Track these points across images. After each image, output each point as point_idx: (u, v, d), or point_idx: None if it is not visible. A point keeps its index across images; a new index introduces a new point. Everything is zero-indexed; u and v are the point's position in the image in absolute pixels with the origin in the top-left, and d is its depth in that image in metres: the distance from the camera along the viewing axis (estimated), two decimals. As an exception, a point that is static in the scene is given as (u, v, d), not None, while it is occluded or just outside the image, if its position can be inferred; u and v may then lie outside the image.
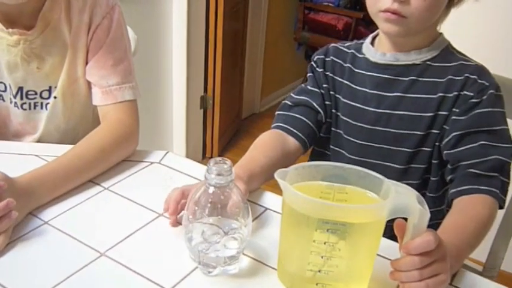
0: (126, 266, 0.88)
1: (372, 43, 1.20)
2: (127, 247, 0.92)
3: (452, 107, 1.09)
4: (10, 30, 1.14)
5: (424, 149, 1.13)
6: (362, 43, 1.23)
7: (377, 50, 1.17)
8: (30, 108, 1.23)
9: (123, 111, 1.22)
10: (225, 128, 3.30)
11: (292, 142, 1.20)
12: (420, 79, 1.12)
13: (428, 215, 0.77)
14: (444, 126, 1.10)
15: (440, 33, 1.15)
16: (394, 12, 1.04)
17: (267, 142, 1.19)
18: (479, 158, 1.05)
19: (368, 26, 3.67)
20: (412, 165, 1.15)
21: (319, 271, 0.81)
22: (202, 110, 3.12)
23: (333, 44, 1.27)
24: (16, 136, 1.28)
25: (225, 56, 3.03)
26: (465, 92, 1.08)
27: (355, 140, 1.19)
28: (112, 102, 1.21)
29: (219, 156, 3.21)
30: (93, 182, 1.10)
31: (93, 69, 1.22)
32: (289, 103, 1.26)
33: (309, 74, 1.28)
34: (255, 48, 3.68)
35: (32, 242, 0.92)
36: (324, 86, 1.23)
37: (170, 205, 0.96)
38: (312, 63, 1.28)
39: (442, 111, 1.10)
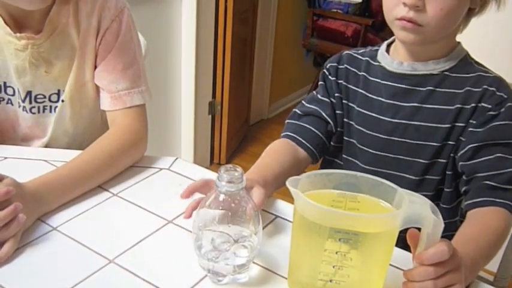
0: (135, 274, 0.87)
1: (387, 50, 1.18)
2: (136, 254, 0.91)
3: (469, 119, 1.07)
4: (18, 34, 1.13)
5: (439, 160, 1.12)
6: (377, 50, 1.21)
7: (393, 58, 1.15)
8: (39, 112, 1.23)
9: (131, 116, 1.21)
10: (233, 134, 3.30)
11: (301, 152, 1.20)
12: (438, 89, 1.10)
13: (443, 225, 0.76)
14: (460, 138, 1.09)
15: (458, 43, 1.13)
16: (409, 21, 1.02)
17: (278, 150, 1.19)
18: (496, 170, 1.04)
19: (377, 32, 3.66)
20: (427, 177, 1.13)
21: (331, 281, 0.80)
22: (210, 116, 3.12)
23: (346, 51, 1.25)
24: (25, 140, 1.27)
25: (233, 62, 3.03)
26: (483, 104, 1.06)
27: (369, 150, 1.17)
28: (121, 107, 1.20)
29: (227, 162, 3.22)
30: (102, 187, 1.09)
31: (102, 74, 1.21)
32: (299, 112, 1.25)
33: (320, 82, 1.26)
34: (264, 54, 3.68)
35: (41, 248, 0.91)
36: (336, 95, 1.21)
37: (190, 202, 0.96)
38: (324, 70, 1.25)
39: (459, 122, 1.08)
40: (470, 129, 1.07)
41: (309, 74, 4.13)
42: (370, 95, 1.17)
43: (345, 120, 1.21)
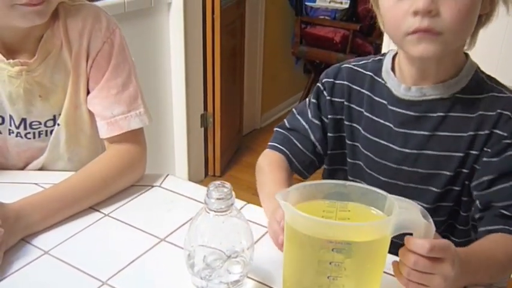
0: None
1: (393, 67, 1.09)
2: (129, 274, 0.91)
3: (483, 146, 1.01)
4: (11, 61, 1.10)
5: (453, 188, 1.06)
6: (380, 61, 1.12)
7: (399, 80, 1.06)
8: (34, 137, 1.20)
9: (129, 140, 1.18)
10: (227, 145, 3.29)
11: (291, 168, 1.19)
12: (449, 115, 1.03)
13: (434, 229, 0.77)
14: (475, 166, 1.03)
15: (467, 56, 1.06)
16: (426, 30, 0.92)
17: (280, 166, 1.17)
18: None
19: (365, 37, 3.67)
20: (441, 204, 1.08)
21: (326, 292, 0.80)
22: (203, 128, 3.11)
23: (346, 65, 1.16)
24: (17, 165, 1.25)
25: (223, 73, 3.03)
26: (498, 132, 1.00)
27: (379, 177, 1.11)
28: (118, 133, 1.16)
29: (222, 174, 3.22)
30: (93, 208, 1.08)
31: (96, 99, 1.17)
32: (287, 125, 1.21)
33: (313, 100, 1.18)
34: (254, 64, 3.68)
35: (33, 273, 0.91)
36: (329, 116, 1.15)
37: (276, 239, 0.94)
38: (319, 85, 1.18)
39: (473, 150, 1.02)
40: (485, 158, 1.01)
41: (300, 82, 4.13)
42: (376, 119, 1.10)
43: (348, 142, 1.15)
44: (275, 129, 1.24)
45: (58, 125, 1.19)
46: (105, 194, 1.11)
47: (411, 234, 0.79)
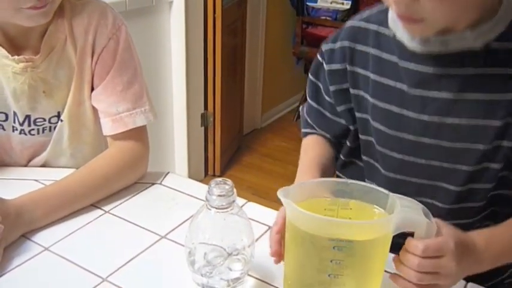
0: None
1: None
2: (129, 271, 0.91)
3: None
4: (16, 57, 1.09)
5: (490, 165, 0.89)
6: (386, 11, 0.92)
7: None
8: (38, 133, 1.19)
9: (133, 138, 1.17)
10: (227, 145, 3.29)
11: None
12: (481, 71, 0.83)
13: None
14: None
15: None
16: (406, 17, 0.81)
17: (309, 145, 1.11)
18: None
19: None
20: (475, 186, 0.91)
21: (326, 289, 0.80)
22: (203, 128, 3.10)
23: (348, 23, 1.00)
24: (20, 162, 1.24)
25: (224, 72, 3.02)
26: None
27: (393, 155, 0.95)
28: (123, 130, 1.16)
29: (222, 173, 3.21)
30: (93, 205, 1.08)
31: (101, 96, 1.17)
32: (304, 131, 1.16)
33: (311, 78, 1.09)
34: (254, 63, 3.68)
35: (33, 269, 0.90)
36: (332, 89, 1.01)
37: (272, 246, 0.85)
38: (318, 56, 1.05)
39: None
40: None
41: (301, 82, 4.12)
42: (386, 82, 0.91)
43: (357, 114, 0.99)
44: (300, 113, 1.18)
45: (61, 121, 1.18)
46: (106, 192, 1.10)
47: (413, 233, 0.78)
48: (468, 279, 0.89)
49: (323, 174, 1.01)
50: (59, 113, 1.18)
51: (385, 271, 0.83)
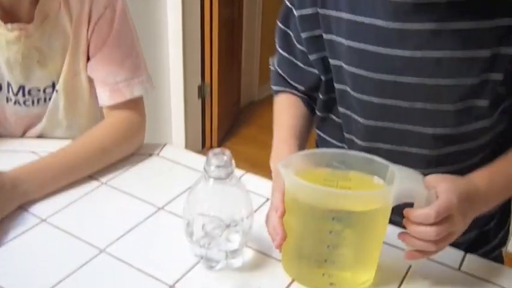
0: (127, 263, 0.86)
1: None
2: (127, 243, 0.90)
3: None
4: (9, 26, 1.07)
5: (477, 103, 0.83)
6: None
7: None
8: (33, 104, 1.18)
9: (129, 108, 1.16)
10: (224, 117, 3.28)
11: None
12: None
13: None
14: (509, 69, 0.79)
15: None
16: None
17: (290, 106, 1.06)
18: None
19: None
20: (461, 127, 0.86)
21: (325, 261, 0.80)
22: (200, 100, 3.09)
23: None
24: (15, 133, 1.23)
25: (221, 44, 3.00)
26: None
27: (371, 99, 0.89)
28: (121, 100, 1.14)
29: (219, 145, 3.20)
30: (90, 176, 1.07)
31: (98, 66, 1.15)
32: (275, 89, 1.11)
33: (280, 26, 1.02)
34: (252, 35, 3.64)
35: (30, 241, 0.90)
36: (304, 36, 0.95)
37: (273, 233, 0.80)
38: (286, 2, 1.00)
39: (506, 45, 0.78)
40: None
41: (298, 53, 4.09)
42: (360, 19, 0.84)
43: (331, 61, 0.93)
44: (271, 68, 1.12)
45: (56, 91, 1.17)
46: (103, 163, 1.09)
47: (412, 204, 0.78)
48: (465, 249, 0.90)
49: (301, 143, 0.99)
50: (53, 83, 1.16)
51: (384, 242, 0.83)
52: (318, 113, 1.04)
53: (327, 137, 1.07)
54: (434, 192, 0.76)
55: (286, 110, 1.06)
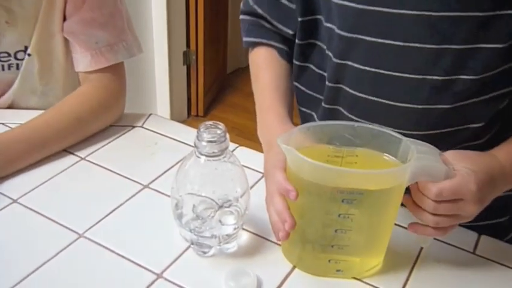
0: (109, 248, 0.78)
1: None
2: (109, 226, 0.82)
3: None
4: None
5: (484, 45, 0.73)
6: None
7: None
8: (3, 70, 1.09)
9: (109, 74, 1.07)
10: (210, 84, 3.22)
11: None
12: None
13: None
14: None
15: None
16: None
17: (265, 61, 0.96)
18: None
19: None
20: (461, 75, 0.75)
21: (332, 246, 0.72)
22: (185, 66, 3.03)
23: None
24: None
25: (207, 8, 2.91)
26: None
27: (369, 38, 0.77)
28: (103, 66, 1.06)
29: (205, 114, 3.16)
30: (67, 151, 0.99)
31: (78, 27, 1.06)
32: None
33: None
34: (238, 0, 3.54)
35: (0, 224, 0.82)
36: None
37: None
38: None
39: None
40: None
41: (286, 18, 4.00)
42: None
43: None
44: (241, 18, 1.02)
45: (29, 55, 1.07)
46: (79, 135, 1.01)
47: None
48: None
49: (288, 107, 0.90)
50: (26, 48, 1.07)
51: (396, 224, 0.76)
52: (295, 62, 0.93)
53: (306, 90, 0.95)
54: (452, 168, 0.68)
55: (266, 69, 0.96)
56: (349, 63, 0.81)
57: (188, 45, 2.99)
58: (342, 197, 0.67)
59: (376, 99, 0.81)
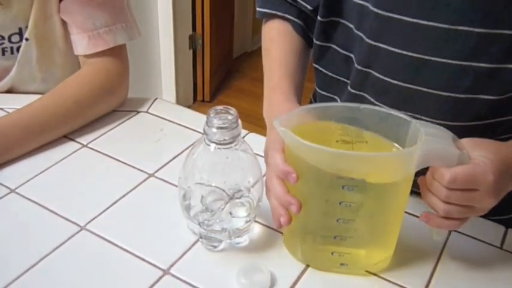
0: (112, 242, 0.74)
1: None
2: (112, 218, 0.78)
3: None
4: None
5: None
6: None
7: None
8: None
9: (110, 56, 1.04)
10: (216, 69, 3.20)
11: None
12: None
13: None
14: None
15: None
16: None
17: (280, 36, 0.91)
18: None
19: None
20: (509, 65, 0.70)
21: (335, 237, 0.68)
22: (191, 51, 3.02)
23: None
24: None
25: (213, -9, 2.90)
26: None
27: (399, 17, 0.72)
28: (102, 49, 1.02)
29: (211, 98, 3.15)
30: (68, 137, 0.95)
31: (75, 7, 1.01)
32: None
33: None
34: (245, -20, 3.51)
35: (-3, 216, 0.78)
36: None
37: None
38: None
39: None
40: None
41: (293, 2, 3.95)
42: None
43: None
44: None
45: (26, 40, 1.03)
46: (80, 121, 0.97)
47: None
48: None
49: (297, 85, 0.85)
50: (20, 30, 1.02)
51: (406, 212, 0.72)
52: (315, 41, 0.88)
53: (328, 72, 0.89)
54: (467, 153, 0.62)
55: (278, 43, 0.91)
56: (383, 45, 0.75)
57: (194, 28, 2.97)
58: (343, 183, 0.62)
59: (411, 86, 0.75)
